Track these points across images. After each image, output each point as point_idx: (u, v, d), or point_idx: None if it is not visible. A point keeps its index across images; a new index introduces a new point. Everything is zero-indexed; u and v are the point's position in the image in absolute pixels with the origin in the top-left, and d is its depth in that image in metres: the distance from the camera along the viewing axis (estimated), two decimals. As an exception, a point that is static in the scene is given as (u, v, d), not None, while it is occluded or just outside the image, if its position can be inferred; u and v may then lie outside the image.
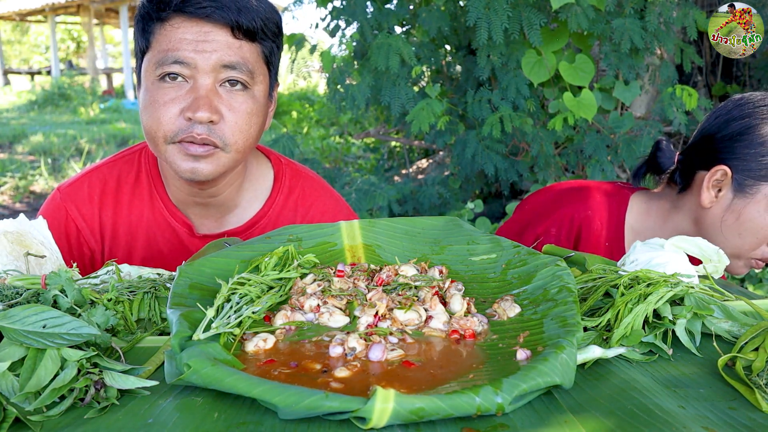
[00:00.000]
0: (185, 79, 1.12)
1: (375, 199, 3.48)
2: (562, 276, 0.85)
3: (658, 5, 2.84)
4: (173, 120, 1.12)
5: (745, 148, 1.22)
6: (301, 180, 1.39)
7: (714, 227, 1.28)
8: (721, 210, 1.26)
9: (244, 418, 0.64)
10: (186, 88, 1.12)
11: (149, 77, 1.15)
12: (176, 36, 1.11)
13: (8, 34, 26.44)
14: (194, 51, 1.10)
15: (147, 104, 1.14)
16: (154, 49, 1.13)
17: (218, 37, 1.12)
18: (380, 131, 5.15)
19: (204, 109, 1.10)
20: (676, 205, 1.36)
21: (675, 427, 0.61)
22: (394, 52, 2.89)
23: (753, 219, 1.23)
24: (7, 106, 14.41)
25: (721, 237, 1.27)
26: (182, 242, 1.30)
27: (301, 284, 0.92)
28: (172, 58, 1.11)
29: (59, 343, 0.68)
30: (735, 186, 1.24)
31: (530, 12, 2.72)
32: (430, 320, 0.84)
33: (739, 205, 1.24)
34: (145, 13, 1.14)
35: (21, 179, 6.94)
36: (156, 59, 1.13)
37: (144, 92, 1.16)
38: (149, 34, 1.14)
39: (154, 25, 1.13)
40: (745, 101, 1.25)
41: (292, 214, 1.36)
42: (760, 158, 1.21)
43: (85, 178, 1.31)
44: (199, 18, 1.10)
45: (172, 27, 1.12)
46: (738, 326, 0.81)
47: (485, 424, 0.62)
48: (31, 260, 0.99)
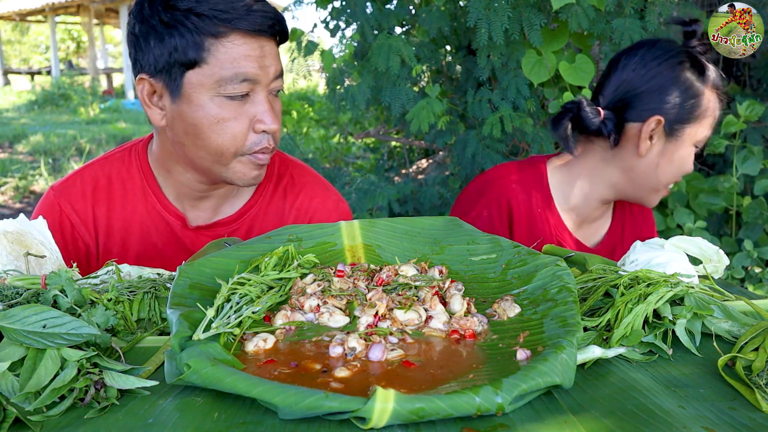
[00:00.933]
0: (246, 93, 1.15)
1: (375, 199, 3.47)
2: (562, 276, 0.85)
3: (658, 5, 2.84)
4: (245, 134, 1.16)
5: (672, 97, 1.34)
6: (290, 168, 1.42)
7: (648, 173, 1.38)
8: (656, 156, 1.37)
9: (244, 418, 0.64)
10: (248, 102, 1.15)
11: (204, 91, 1.12)
12: (240, 53, 1.11)
13: (8, 34, 26.44)
14: (259, 68, 1.13)
15: (210, 122, 1.13)
16: (211, 65, 1.11)
17: (272, 50, 1.15)
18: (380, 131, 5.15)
19: (274, 120, 1.16)
20: (606, 159, 1.42)
21: (675, 427, 0.61)
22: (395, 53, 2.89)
23: (682, 158, 1.37)
24: (7, 106, 14.41)
25: (653, 179, 1.38)
26: (176, 235, 1.32)
27: (301, 284, 0.92)
28: (241, 77, 1.11)
29: (59, 343, 0.68)
30: (666, 132, 1.35)
31: (530, 12, 2.72)
32: (430, 320, 0.84)
33: (671, 149, 1.36)
34: (193, 27, 1.10)
35: (21, 179, 6.94)
36: (218, 76, 1.11)
37: (193, 108, 1.13)
38: (201, 50, 1.10)
39: (208, 40, 1.10)
40: (658, 53, 1.35)
41: (282, 202, 1.38)
42: (684, 104, 1.34)
43: (77, 176, 1.33)
44: (257, 34, 1.12)
45: (233, 44, 1.11)
46: (738, 326, 0.81)
47: (485, 424, 0.62)
48: (31, 260, 0.99)
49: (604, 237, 1.54)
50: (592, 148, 1.44)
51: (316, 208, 1.39)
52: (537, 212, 1.44)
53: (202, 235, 1.32)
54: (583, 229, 1.51)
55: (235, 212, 1.35)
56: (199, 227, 1.33)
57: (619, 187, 1.43)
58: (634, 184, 1.41)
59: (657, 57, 1.35)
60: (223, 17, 1.09)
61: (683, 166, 1.38)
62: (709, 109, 1.35)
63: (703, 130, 1.36)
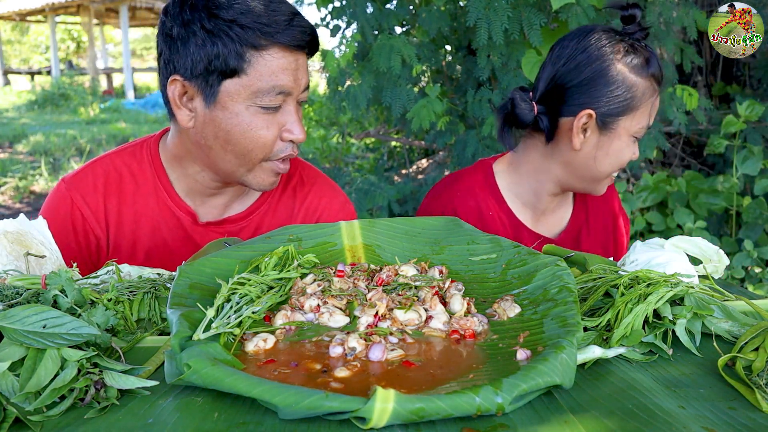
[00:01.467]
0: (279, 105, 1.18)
1: (375, 199, 3.47)
2: (562, 276, 0.85)
3: (658, 5, 2.84)
4: (274, 141, 1.19)
5: (601, 90, 1.32)
6: (299, 168, 1.44)
7: (586, 165, 1.37)
8: (591, 148, 1.35)
9: (244, 418, 0.64)
10: (279, 111, 1.18)
11: (240, 100, 1.15)
12: (278, 66, 1.14)
13: (8, 34, 26.45)
14: (294, 81, 1.16)
15: (243, 129, 1.17)
16: (249, 76, 1.13)
17: (304, 63, 1.19)
18: (380, 131, 5.15)
19: (302, 131, 1.20)
20: (546, 154, 1.41)
21: (675, 427, 0.61)
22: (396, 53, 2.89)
23: (619, 149, 1.34)
24: (7, 106, 14.41)
25: (592, 171, 1.37)
26: (185, 230, 1.33)
27: (301, 284, 0.92)
28: (277, 89, 1.15)
29: (59, 343, 0.68)
30: (600, 125, 1.33)
31: (530, 12, 2.72)
32: (430, 320, 0.84)
33: (606, 142, 1.34)
34: (236, 37, 1.12)
35: (21, 179, 6.94)
36: (255, 87, 1.14)
37: (227, 115, 1.16)
38: (242, 60, 1.12)
39: (249, 52, 1.12)
40: (588, 45, 1.33)
41: (291, 201, 1.40)
42: (615, 96, 1.31)
43: (89, 169, 1.34)
44: (295, 48, 1.15)
45: (272, 57, 1.13)
46: (738, 326, 0.81)
47: (485, 424, 0.62)
48: (31, 260, 0.99)
49: (568, 224, 1.52)
50: (533, 144, 1.43)
51: (324, 207, 1.40)
52: (488, 215, 1.43)
53: (211, 231, 1.33)
54: (543, 222, 1.49)
55: (245, 210, 1.36)
56: (209, 223, 1.34)
57: (563, 180, 1.41)
58: (576, 177, 1.39)
59: (587, 49, 1.32)
60: (266, 30, 1.11)
61: (621, 157, 1.35)
62: (645, 99, 1.32)
63: (640, 120, 1.33)
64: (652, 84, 1.32)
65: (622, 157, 1.35)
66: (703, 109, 3.19)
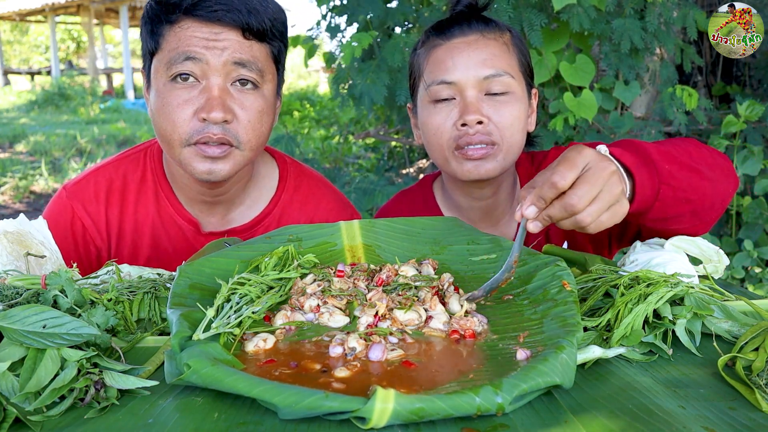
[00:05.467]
0: (197, 79, 1.13)
1: (375, 199, 3.47)
2: (562, 276, 0.85)
3: (658, 5, 2.84)
4: (188, 122, 1.13)
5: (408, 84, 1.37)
6: (306, 179, 1.41)
7: (430, 155, 1.31)
8: (422, 136, 1.31)
9: (244, 418, 0.64)
10: (198, 89, 1.13)
11: (160, 79, 1.15)
12: (187, 35, 1.12)
13: (8, 34, 26.44)
14: (205, 48, 1.12)
15: (160, 107, 1.15)
16: (163, 50, 1.14)
17: (229, 36, 1.13)
18: (380, 131, 5.15)
19: (218, 108, 1.12)
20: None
21: (675, 427, 0.61)
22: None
23: (425, 120, 1.27)
24: (7, 106, 14.41)
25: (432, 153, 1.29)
26: (188, 240, 1.31)
27: (301, 284, 0.92)
28: (183, 55, 1.12)
29: (59, 343, 0.68)
30: (414, 113, 1.35)
31: (531, 13, 2.72)
32: (430, 320, 0.84)
33: (420, 122, 1.30)
34: (153, 15, 1.15)
35: (21, 179, 6.93)
36: (167, 59, 1.13)
37: (155, 95, 1.17)
38: (158, 36, 1.14)
39: (163, 27, 1.14)
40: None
41: (297, 214, 1.37)
42: (409, 79, 1.36)
43: (90, 177, 1.32)
44: (210, 21, 1.12)
45: (182, 29, 1.13)
46: (738, 326, 0.81)
47: (485, 424, 0.62)
48: (31, 260, 0.99)
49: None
50: None
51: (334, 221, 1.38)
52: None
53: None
54: (490, 231, 1.39)
55: (249, 221, 1.34)
56: (212, 233, 1.31)
57: (448, 178, 1.38)
58: (438, 166, 1.33)
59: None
60: (179, 3, 1.12)
61: (430, 124, 1.25)
62: (421, 59, 1.28)
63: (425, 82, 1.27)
64: (428, 43, 1.28)
65: (429, 126, 1.25)
66: (703, 109, 3.19)
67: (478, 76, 1.21)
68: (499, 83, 1.21)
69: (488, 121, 1.21)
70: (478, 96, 1.21)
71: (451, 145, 1.23)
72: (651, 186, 0.95)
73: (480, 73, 1.21)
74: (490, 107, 1.21)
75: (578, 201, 0.81)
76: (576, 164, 0.82)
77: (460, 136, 1.21)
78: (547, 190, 0.82)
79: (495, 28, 1.28)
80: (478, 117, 1.19)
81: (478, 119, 1.19)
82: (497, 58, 1.23)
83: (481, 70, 1.21)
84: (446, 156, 1.25)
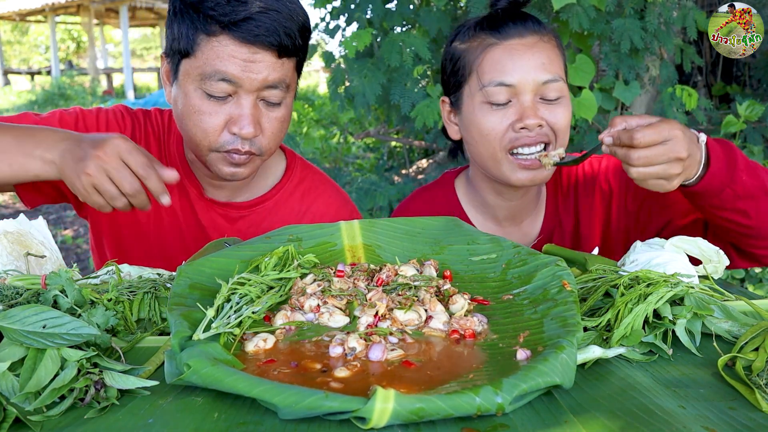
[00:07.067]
0: (228, 94, 1.15)
1: (375, 199, 3.48)
2: (562, 276, 0.85)
3: (658, 5, 2.84)
4: (218, 132, 1.16)
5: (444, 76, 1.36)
6: (311, 173, 1.45)
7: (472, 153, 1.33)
8: (464, 133, 1.33)
9: (244, 418, 0.64)
10: (229, 103, 1.16)
11: (190, 83, 1.15)
12: (224, 53, 1.12)
13: (8, 34, 26.44)
14: (242, 71, 1.12)
15: (188, 111, 1.16)
16: (197, 58, 1.13)
17: (265, 58, 1.13)
18: (380, 131, 5.15)
19: (250, 126, 1.15)
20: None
21: (675, 427, 0.61)
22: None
23: (476, 121, 1.26)
24: (7, 106, 14.40)
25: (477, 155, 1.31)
26: (189, 200, 1.35)
27: (301, 284, 0.92)
28: (219, 75, 1.12)
29: (59, 343, 0.68)
30: (454, 108, 1.35)
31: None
32: (429, 320, 0.84)
33: (464, 120, 1.31)
34: (189, 21, 1.13)
35: (21, 179, 6.92)
36: (200, 70, 1.13)
37: (182, 95, 1.17)
38: (193, 42, 1.13)
39: (199, 35, 1.12)
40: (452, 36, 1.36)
41: (298, 204, 1.40)
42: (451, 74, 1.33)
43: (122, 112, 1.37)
44: (249, 42, 1.11)
45: (220, 44, 1.12)
46: (738, 326, 0.81)
47: (485, 424, 0.62)
48: (31, 260, 1.00)
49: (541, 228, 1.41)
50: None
51: (332, 216, 1.39)
52: None
53: (212, 210, 1.35)
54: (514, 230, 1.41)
55: (251, 200, 1.37)
56: (213, 202, 1.35)
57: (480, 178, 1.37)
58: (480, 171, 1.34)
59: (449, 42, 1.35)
60: (219, 19, 1.10)
61: (481, 126, 1.24)
62: (473, 58, 1.27)
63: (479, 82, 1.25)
64: (479, 39, 1.27)
65: (482, 127, 1.24)
66: (703, 109, 3.19)
67: (537, 80, 1.22)
68: (555, 88, 1.23)
69: (545, 123, 1.23)
70: (534, 99, 1.23)
71: (506, 146, 1.24)
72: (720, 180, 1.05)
73: (539, 78, 1.22)
74: (545, 110, 1.23)
75: (641, 137, 0.97)
76: (662, 133, 0.98)
77: (516, 138, 1.23)
78: (627, 138, 0.99)
79: (547, 30, 1.29)
80: (538, 121, 1.21)
81: (538, 123, 1.21)
82: (553, 63, 1.25)
83: (540, 74, 1.23)
84: (498, 158, 1.25)
